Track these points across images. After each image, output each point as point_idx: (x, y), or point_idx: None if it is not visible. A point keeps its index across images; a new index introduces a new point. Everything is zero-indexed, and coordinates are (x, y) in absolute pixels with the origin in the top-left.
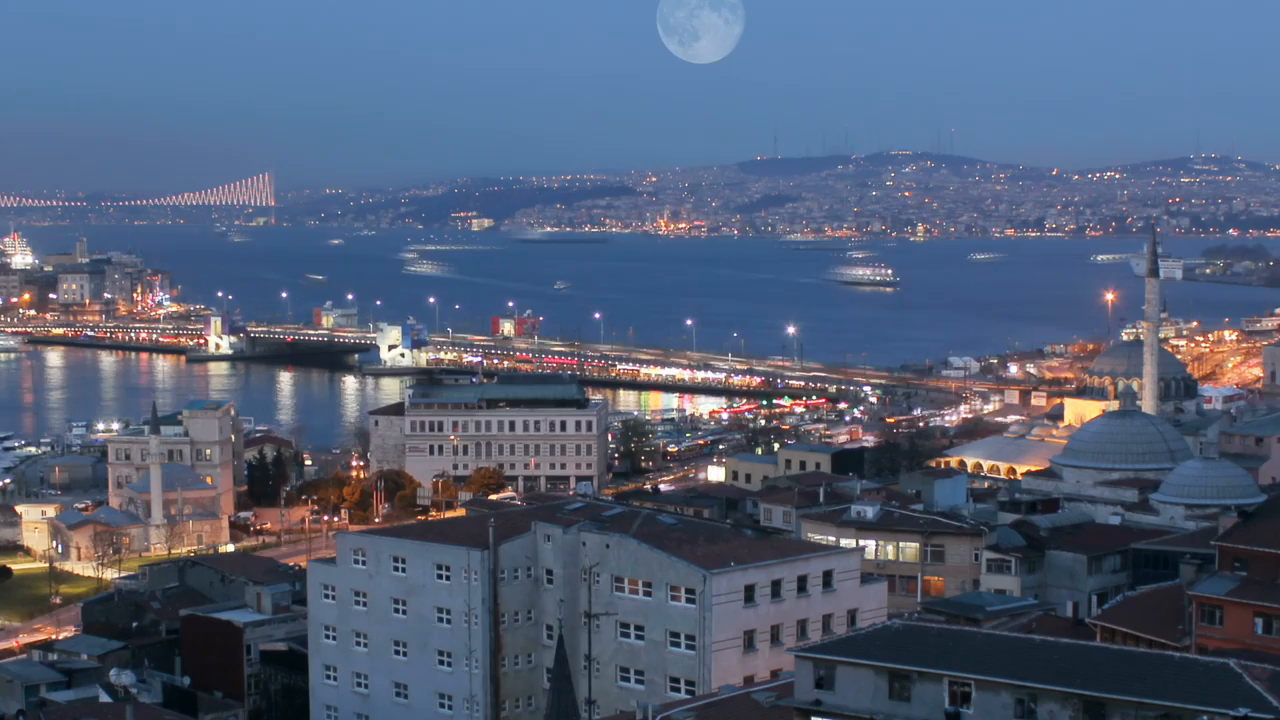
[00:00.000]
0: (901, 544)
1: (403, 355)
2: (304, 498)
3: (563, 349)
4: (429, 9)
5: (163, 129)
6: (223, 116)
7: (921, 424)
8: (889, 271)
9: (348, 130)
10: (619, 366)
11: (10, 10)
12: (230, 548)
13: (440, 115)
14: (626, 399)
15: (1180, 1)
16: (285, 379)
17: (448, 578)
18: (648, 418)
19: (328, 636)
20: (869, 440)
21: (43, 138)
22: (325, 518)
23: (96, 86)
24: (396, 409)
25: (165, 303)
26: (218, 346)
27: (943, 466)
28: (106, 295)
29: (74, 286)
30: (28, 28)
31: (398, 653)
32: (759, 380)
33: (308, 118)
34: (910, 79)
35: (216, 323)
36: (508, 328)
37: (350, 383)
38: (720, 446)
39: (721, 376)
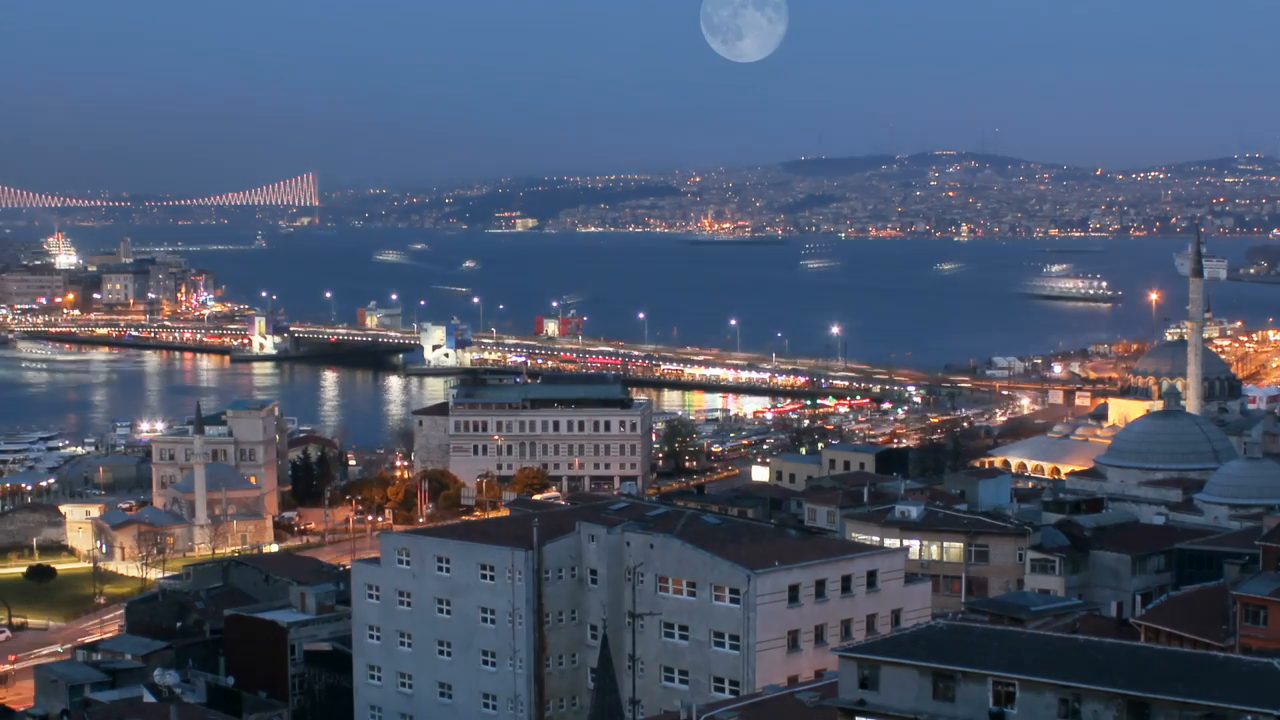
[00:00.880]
0: (946, 544)
1: (447, 355)
2: (348, 498)
3: (607, 349)
4: (472, 11)
5: (207, 129)
6: (267, 117)
7: (966, 424)
8: (1104, 284)
9: (392, 130)
10: (663, 366)
11: (56, 12)
12: (274, 548)
13: (484, 115)
14: (671, 399)
15: (1225, 1)
16: (329, 379)
17: (492, 578)
18: (692, 418)
19: (372, 636)
20: (913, 440)
21: (87, 138)
22: (369, 518)
23: (140, 88)
24: (441, 409)
25: (209, 303)
26: (262, 346)
27: (987, 466)
28: (150, 295)
29: (118, 286)
30: (73, 29)
31: (442, 653)
32: (803, 380)
33: (352, 118)
34: (954, 78)
35: (260, 323)
36: (552, 328)
37: (394, 383)
38: (764, 446)
39: (766, 376)
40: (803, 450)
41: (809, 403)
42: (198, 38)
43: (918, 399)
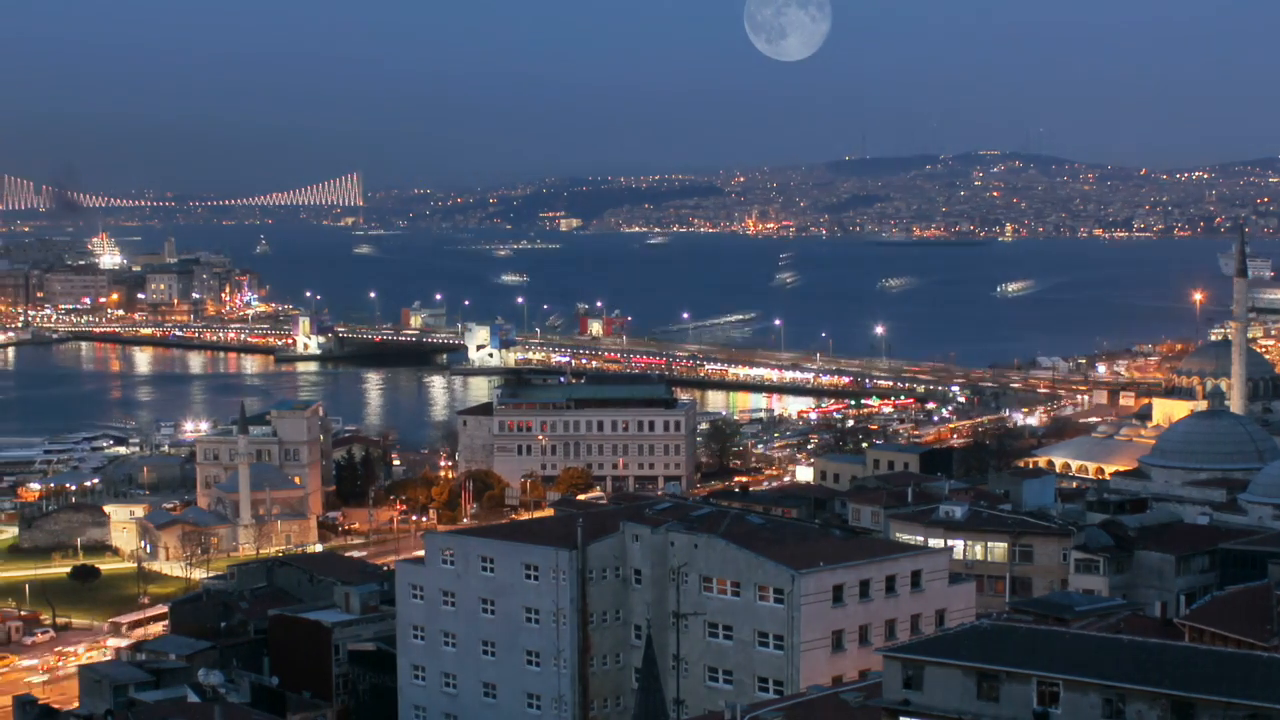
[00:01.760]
0: (990, 544)
1: (491, 355)
2: (392, 498)
3: (650, 349)
4: (517, 12)
5: (251, 130)
6: (311, 116)
7: (1010, 424)
8: None
9: (436, 131)
10: (707, 366)
11: (99, 16)
12: (318, 548)
13: (529, 116)
14: (715, 399)
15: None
16: (373, 379)
17: (536, 578)
18: (736, 418)
19: (416, 636)
20: (958, 440)
21: (131, 139)
22: (413, 518)
23: (184, 88)
24: (485, 409)
25: (253, 303)
26: (306, 346)
27: (1031, 466)
28: (195, 295)
29: (162, 286)
30: (117, 29)
31: (486, 653)
32: (847, 380)
33: (397, 118)
34: (999, 78)
35: (305, 323)
36: (596, 328)
37: (438, 383)
38: (808, 446)
39: (810, 376)
40: (847, 450)
41: (853, 403)
42: (242, 41)
43: (962, 399)
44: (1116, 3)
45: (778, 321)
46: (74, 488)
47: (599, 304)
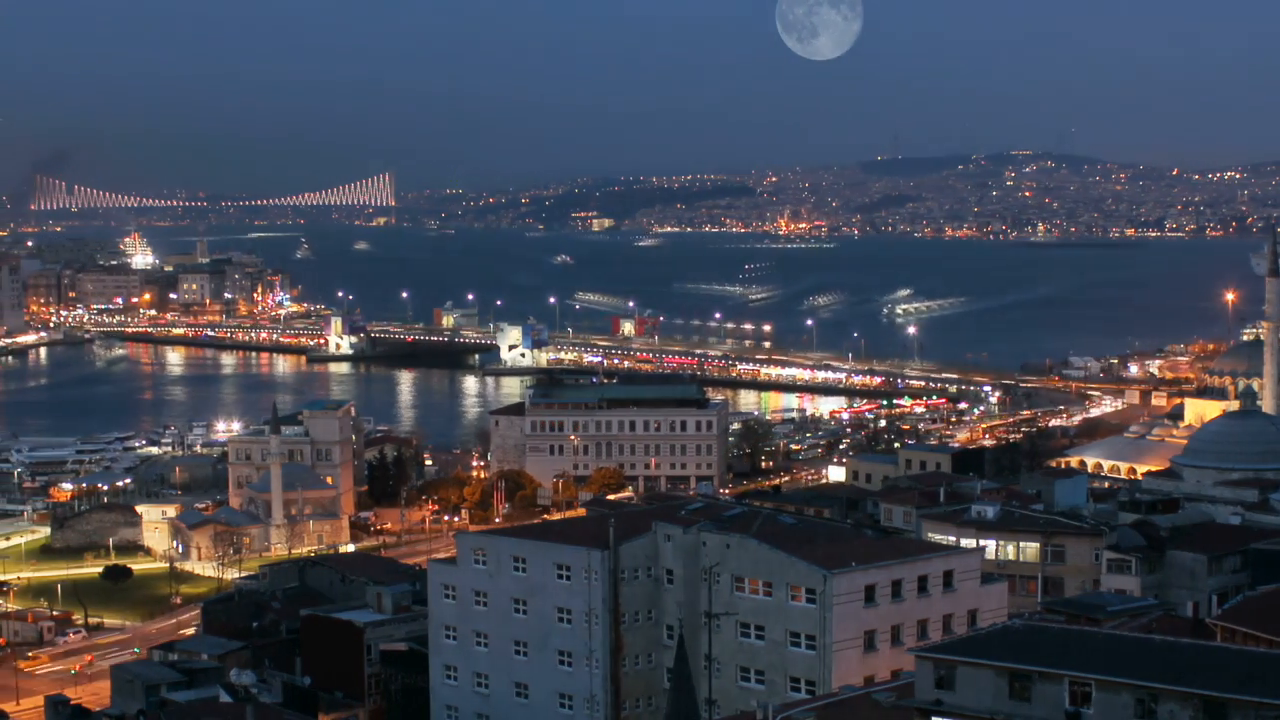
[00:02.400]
0: (1022, 544)
1: (523, 355)
2: (424, 498)
3: (682, 349)
4: (548, 10)
5: (283, 129)
6: (342, 116)
7: (1042, 424)
8: None
9: (468, 131)
10: (739, 366)
11: (132, 13)
12: (350, 548)
13: (561, 116)
14: (747, 399)
15: None
16: (405, 379)
17: (568, 578)
18: (768, 418)
19: (448, 636)
20: (990, 440)
21: (163, 139)
22: (446, 518)
23: (216, 87)
24: (517, 409)
25: (285, 303)
26: (338, 347)
27: (1063, 466)
28: (227, 295)
29: (194, 286)
30: (148, 30)
31: (518, 653)
32: (879, 380)
33: (428, 117)
34: (1030, 78)
35: (337, 323)
36: (628, 328)
37: (470, 383)
38: (840, 446)
39: (842, 376)
40: (879, 450)
41: (885, 403)
42: (274, 36)
43: (994, 399)
44: (1148, 3)
45: (809, 321)
46: (106, 488)
47: (630, 304)
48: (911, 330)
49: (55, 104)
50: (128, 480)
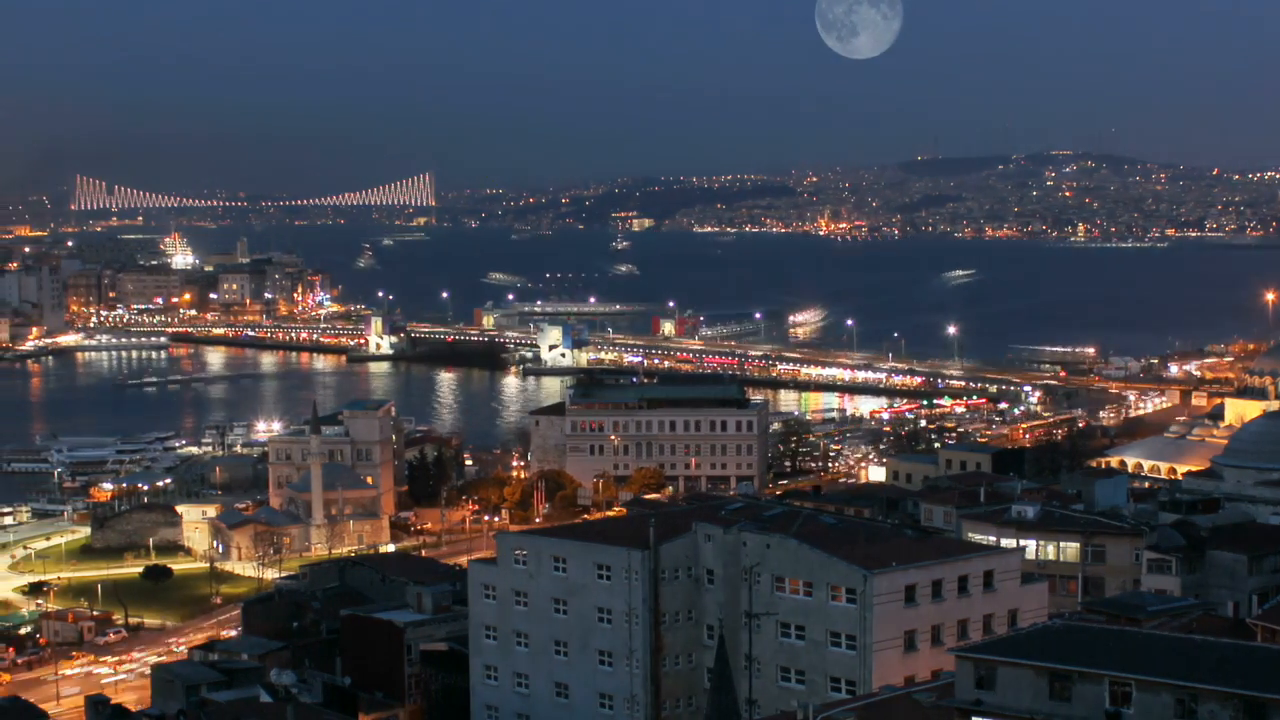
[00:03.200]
0: (1062, 544)
1: (563, 355)
2: (465, 498)
3: (723, 349)
4: (586, 12)
5: (323, 130)
6: (383, 116)
7: (1082, 424)
8: None
9: (508, 131)
10: (779, 366)
11: (173, 15)
12: (391, 548)
13: (601, 115)
14: (787, 399)
15: None
16: (445, 379)
17: (608, 578)
18: (808, 417)
19: (488, 636)
20: (1030, 440)
21: (204, 139)
22: (486, 518)
23: (256, 88)
24: (557, 409)
25: (326, 303)
26: (378, 346)
27: (1103, 466)
28: (267, 295)
29: (234, 286)
30: (190, 31)
31: (558, 653)
32: (919, 380)
33: (468, 117)
34: (1070, 77)
35: (377, 323)
36: (668, 328)
37: (511, 383)
38: (881, 446)
39: (882, 376)
40: (919, 450)
41: (925, 403)
42: (315, 38)
43: (1034, 399)
44: (1188, 2)
45: (850, 321)
46: (146, 487)
47: (671, 304)
48: (952, 330)
49: (95, 104)
50: (168, 480)
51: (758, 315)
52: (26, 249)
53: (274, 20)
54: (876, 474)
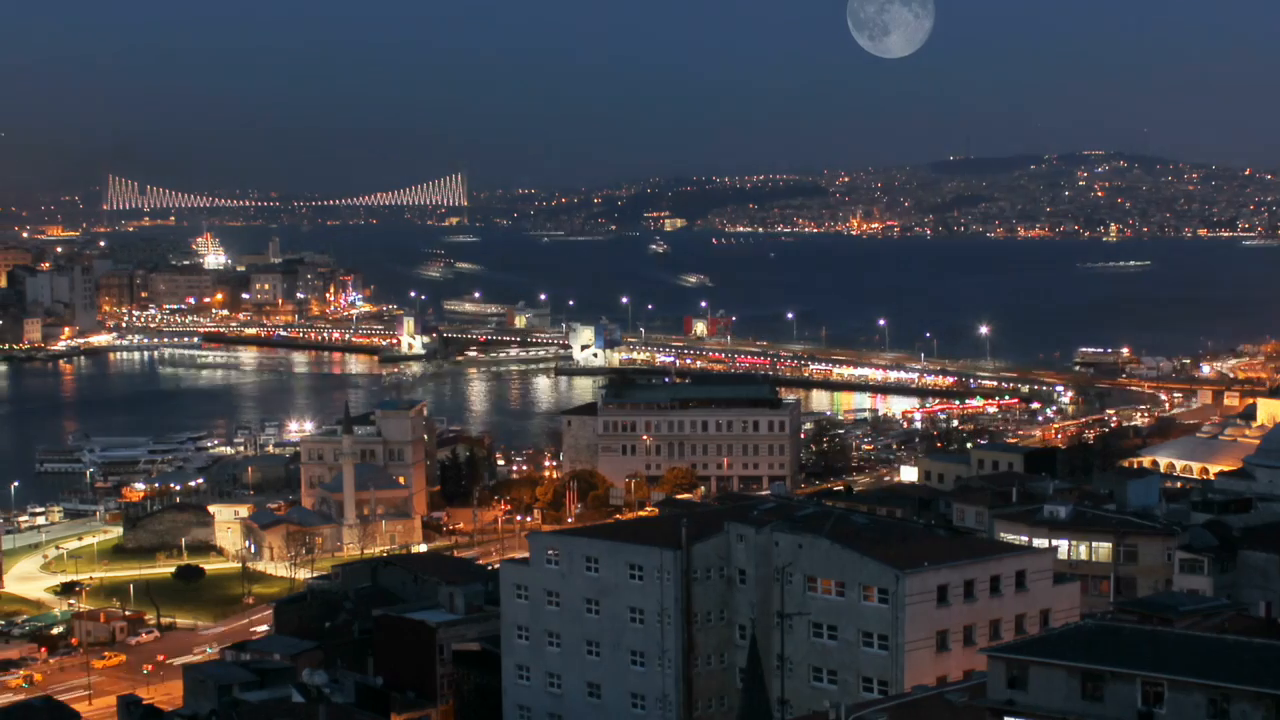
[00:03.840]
0: (1094, 544)
1: (595, 355)
2: (497, 498)
3: (755, 349)
4: (616, 12)
5: (355, 130)
6: (415, 116)
7: (1114, 424)
8: None
9: (540, 131)
10: (811, 366)
11: (202, 16)
12: (423, 548)
13: (633, 116)
14: (819, 399)
15: None
16: (477, 379)
17: (641, 578)
18: (840, 418)
19: (520, 636)
20: (1063, 440)
21: (236, 139)
22: (518, 518)
23: (288, 89)
24: (589, 409)
25: (358, 302)
26: (410, 346)
27: (1135, 466)
28: (299, 295)
29: (266, 286)
30: (221, 33)
31: (590, 653)
32: (951, 380)
33: (500, 117)
34: (1103, 77)
35: (409, 322)
36: (700, 328)
37: (543, 383)
38: (913, 446)
39: (914, 376)
40: (952, 450)
41: (958, 403)
42: (347, 37)
43: (1066, 399)
44: (1220, 2)
45: (882, 321)
46: (178, 488)
47: (703, 304)
48: (984, 330)
49: (126, 104)
50: (200, 480)
51: (789, 315)
52: (59, 249)
53: (307, 21)
54: (909, 474)
